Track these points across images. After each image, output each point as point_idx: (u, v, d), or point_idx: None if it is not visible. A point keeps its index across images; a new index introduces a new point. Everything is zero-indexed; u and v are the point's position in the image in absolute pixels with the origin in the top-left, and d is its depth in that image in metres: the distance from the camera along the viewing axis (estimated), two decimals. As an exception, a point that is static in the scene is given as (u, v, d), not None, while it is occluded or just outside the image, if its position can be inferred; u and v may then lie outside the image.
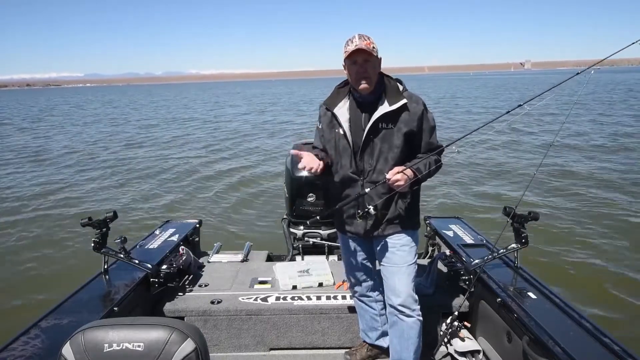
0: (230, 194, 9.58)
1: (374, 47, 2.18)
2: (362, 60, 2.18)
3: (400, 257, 2.33)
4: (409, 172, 2.16)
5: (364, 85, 2.20)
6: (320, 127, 2.43)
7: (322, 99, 2.46)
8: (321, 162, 2.21)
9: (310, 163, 2.18)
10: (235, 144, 16.90)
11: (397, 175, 2.13)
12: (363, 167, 2.27)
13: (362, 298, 2.62)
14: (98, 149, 16.69)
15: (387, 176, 2.15)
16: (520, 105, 2.34)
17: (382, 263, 2.40)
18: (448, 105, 32.96)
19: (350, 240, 2.49)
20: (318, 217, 2.42)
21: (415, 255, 2.39)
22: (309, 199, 3.69)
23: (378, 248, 2.39)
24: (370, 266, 2.54)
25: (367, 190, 2.22)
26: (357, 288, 2.60)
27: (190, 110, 37.85)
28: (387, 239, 2.34)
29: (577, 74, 2.40)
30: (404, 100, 2.22)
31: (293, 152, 2.27)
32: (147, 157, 14.46)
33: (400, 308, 2.31)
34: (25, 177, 11.78)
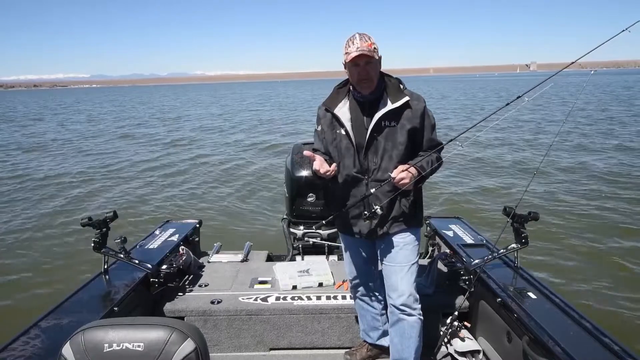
0: (230, 194, 9.58)
1: (375, 48, 2.17)
2: (364, 63, 2.17)
3: (404, 256, 2.33)
4: (413, 170, 2.17)
5: (366, 87, 2.21)
6: (319, 129, 2.40)
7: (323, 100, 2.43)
8: (334, 165, 2.20)
9: (325, 166, 2.16)
10: (235, 144, 16.90)
11: (403, 174, 2.13)
12: (367, 166, 2.26)
13: (363, 298, 2.61)
14: (97, 148, 16.70)
15: (392, 175, 2.15)
16: (519, 97, 2.34)
17: (384, 262, 2.39)
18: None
19: (353, 241, 2.48)
20: (324, 222, 2.35)
21: (418, 254, 2.39)
22: (309, 199, 3.69)
23: (381, 247, 2.38)
24: (373, 267, 2.54)
25: (372, 190, 2.21)
26: (359, 289, 2.59)
27: (190, 110, 37.86)
28: (392, 238, 2.34)
29: (567, 66, 2.43)
30: (407, 98, 2.22)
31: (307, 153, 2.22)
32: (147, 157, 14.46)
33: (402, 307, 2.30)
34: (23, 178, 11.78)
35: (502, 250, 2.78)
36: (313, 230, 3.79)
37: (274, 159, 13.25)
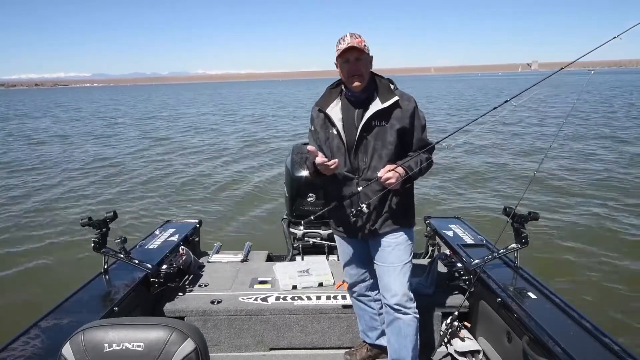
0: (230, 194, 9.58)
1: (365, 45, 2.20)
2: (354, 59, 2.20)
3: (396, 257, 2.34)
4: (400, 169, 2.18)
5: (356, 83, 2.22)
6: (313, 129, 2.42)
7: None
8: (337, 160, 2.20)
9: (327, 160, 2.17)
10: (235, 144, 16.90)
11: (389, 173, 2.15)
12: (358, 165, 2.28)
13: (360, 298, 2.62)
14: (98, 149, 16.70)
15: (379, 174, 2.17)
16: (507, 101, 2.36)
17: (377, 262, 2.40)
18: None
19: (346, 241, 2.50)
20: (312, 218, 2.41)
21: (411, 254, 2.40)
22: (309, 199, 3.69)
23: (374, 247, 2.40)
24: (367, 267, 2.54)
25: (359, 188, 2.24)
26: (355, 288, 2.60)
27: (189, 109, 37.87)
28: (383, 238, 2.35)
29: (561, 68, 2.43)
30: (396, 98, 2.24)
31: (310, 148, 2.24)
32: (147, 158, 14.46)
33: (396, 307, 2.32)
34: (22, 177, 11.77)
35: (502, 250, 2.79)
36: (313, 230, 3.79)
37: (274, 159, 13.25)
